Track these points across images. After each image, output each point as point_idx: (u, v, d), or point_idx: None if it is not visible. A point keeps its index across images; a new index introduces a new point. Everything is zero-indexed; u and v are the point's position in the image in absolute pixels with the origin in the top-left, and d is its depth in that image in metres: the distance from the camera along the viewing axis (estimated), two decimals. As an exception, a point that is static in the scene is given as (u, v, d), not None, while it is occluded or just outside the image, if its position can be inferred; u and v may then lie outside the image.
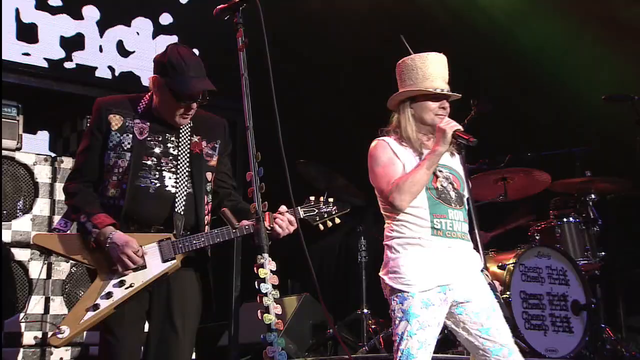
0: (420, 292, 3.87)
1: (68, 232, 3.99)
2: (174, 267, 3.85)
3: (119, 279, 3.80)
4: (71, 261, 4.51)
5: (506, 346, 3.92)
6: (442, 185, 4.03)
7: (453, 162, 4.15)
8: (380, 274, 4.03)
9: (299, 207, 3.88)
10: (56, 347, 3.94)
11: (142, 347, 3.91)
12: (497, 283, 4.13)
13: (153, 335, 3.91)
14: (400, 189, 3.91)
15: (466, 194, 4.13)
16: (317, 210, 3.94)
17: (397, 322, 3.91)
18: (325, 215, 3.94)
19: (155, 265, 3.84)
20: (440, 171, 4.05)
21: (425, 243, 3.94)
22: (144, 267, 3.82)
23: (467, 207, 4.10)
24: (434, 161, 3.95)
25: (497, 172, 6.70)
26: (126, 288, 3.80)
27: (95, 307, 3.76)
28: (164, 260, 3.84)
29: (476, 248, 4.07)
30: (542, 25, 8.73)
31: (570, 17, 8.57)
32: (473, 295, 3.95)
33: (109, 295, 3.77)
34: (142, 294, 3.87)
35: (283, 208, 3.84)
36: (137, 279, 3.80)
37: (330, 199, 3.97)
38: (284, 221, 3.83)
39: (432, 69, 4.05)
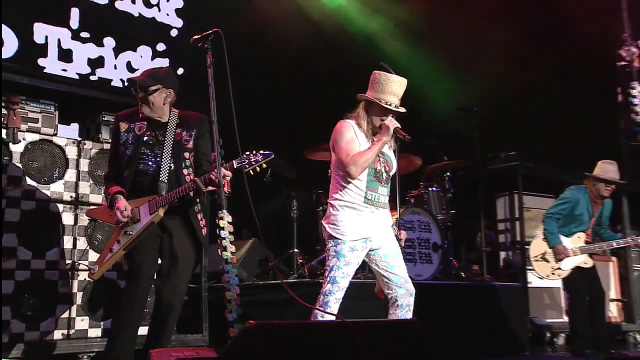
0: (349, 240, 3.85)
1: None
2: (157, 217, 3.81)
3: (124, 231, 3.84)
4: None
5: (403, 277, 3.95)
6: (379, 167, 3.98)
7: (389, 152, 4.08)
8: (323, 222, 4.00)
9: (233, 161, 3.75)
10: (93, 279, 4.17)
11: (155, 273, 3.96)
12: (402, 234, 4.13)
13: (162, 265, 3.94)
14: (356, 163, 3.84)
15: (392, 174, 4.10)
16: (247, 161, 3.74)
17: (330, 257, 3.91)
18: (253, 163, 3.73)
19: (144, 218, 3.82)
20: (382, 155, 3.98)
21: (357, 207, 3.91)
22: (138, 220, 3.82)
23: (390, 185, 4.06)
24: (379, 147, 3.90)
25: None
26: (128, 235, 3.82)
27: (111, 250, 3.84)
28: (150, 214, 3.81)
29: (391, 211, 4.07)
30: (407, 48, 8.79)
31: (428, 43, 8.63)
32: (384, 243, 3.96)
33: (119, 242, 3.83)
34: (154, 239, 3.88)
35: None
36: (134, 229, 3.82)
37: (261, 151, 3.76)
38: (215, 176, 3.71)
39: (389, 87, 3.92)
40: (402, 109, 3.98)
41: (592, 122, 8.68)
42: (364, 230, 3.90)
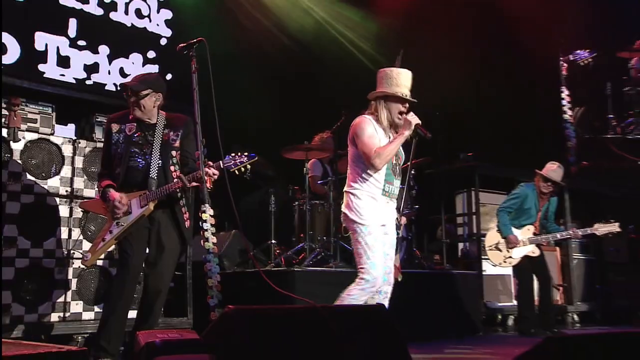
0: (372, 225, 3.80)
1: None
2: (147, 210, 3.77)
3: (116, 222, 3.77)
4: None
5: (389, 267, 3.93)
6: (395, 161, 3.90)
7: (403, 146, 3.99)
8: (345, 210, 3.91)
9: (220, 161, 3.73)
10: (87, 267, 4.23)
11: (143, 262, 3.91)
12: (402, 219, 4.08)
13: (150, 254, 3.90)
14: (380, 156, 3.75)
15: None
16: (233, 161, 3.72)
17: (359, 240, 3.82)
18: (239, 163, 3.72)
19: (135, 210, 3.77)
20: (398, 151, 3.91)
21: (376, 197, 3.85)
22: (130, 212, 3.77)
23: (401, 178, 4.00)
24: (401, 141, 3.82)
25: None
26: (120, 226, 3.76)
27: (104, 239, 3.78)
28: (141, 207, 3.77)
29: (399, 200, 4.02)
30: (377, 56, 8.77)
31: (392, 53, 8.59)
32: (389, 232, 3.91)
33: (111, 232, 3.77)
34: (143, 230, 3.82)
35: (209, 164, 3.71)
36: (126, 221, 3.78)
37: (246, 153, 3.75)
38: (210, 170, 3.71)
39: (401, 80, 3.85)
40: (414, 100, 3.91)
41: (541, 126, 8.76)
42: (381, 218, 3.86)
